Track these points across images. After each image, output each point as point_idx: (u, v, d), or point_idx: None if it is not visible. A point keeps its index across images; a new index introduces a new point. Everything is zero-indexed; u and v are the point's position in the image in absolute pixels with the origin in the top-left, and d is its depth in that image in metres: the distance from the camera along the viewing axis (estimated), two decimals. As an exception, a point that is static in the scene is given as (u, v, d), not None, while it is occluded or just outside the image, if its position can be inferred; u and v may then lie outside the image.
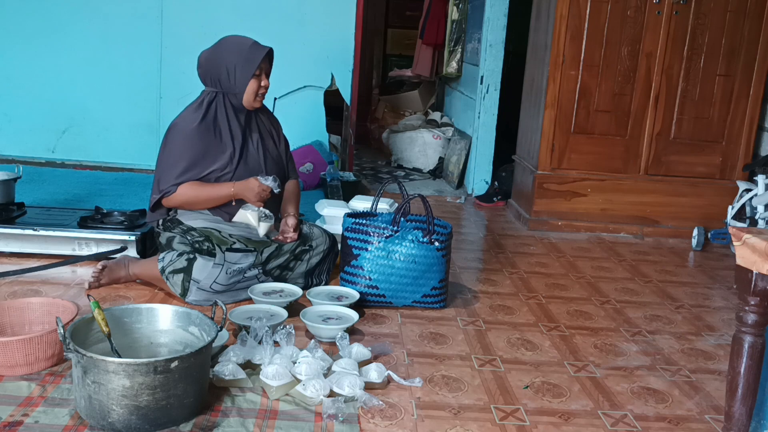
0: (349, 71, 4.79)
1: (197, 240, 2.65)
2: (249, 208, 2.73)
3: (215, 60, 2.72)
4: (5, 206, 3.15)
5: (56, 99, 4.70)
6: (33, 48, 4.63)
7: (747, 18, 4.09)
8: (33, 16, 4.60)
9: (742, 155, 4.26)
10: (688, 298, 3.20)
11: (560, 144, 4.18)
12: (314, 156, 4.65)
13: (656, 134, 4.21)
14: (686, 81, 4.16)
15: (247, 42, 2.76)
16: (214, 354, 2.14)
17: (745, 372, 1.67)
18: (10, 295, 2.63)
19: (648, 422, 2.05)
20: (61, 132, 4.76)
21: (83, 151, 4.75)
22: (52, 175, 4.44)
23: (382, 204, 3.22)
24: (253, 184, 2.69)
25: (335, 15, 4.72)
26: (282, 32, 4.66)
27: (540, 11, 4.38)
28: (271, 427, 1.85)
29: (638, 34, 4.08)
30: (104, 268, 2.76)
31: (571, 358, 2.45)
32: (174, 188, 2.67)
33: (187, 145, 2.68)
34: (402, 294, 2.74)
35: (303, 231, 2.88)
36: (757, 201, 3.66)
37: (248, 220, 2.73)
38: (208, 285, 2.59)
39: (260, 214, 2.73)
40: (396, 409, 2.00)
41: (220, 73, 2.70)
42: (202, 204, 2.73)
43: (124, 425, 1.76)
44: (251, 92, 2.72)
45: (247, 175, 2.74)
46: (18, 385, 1.97)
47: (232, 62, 2.69)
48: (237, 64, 2.69)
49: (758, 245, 1.58)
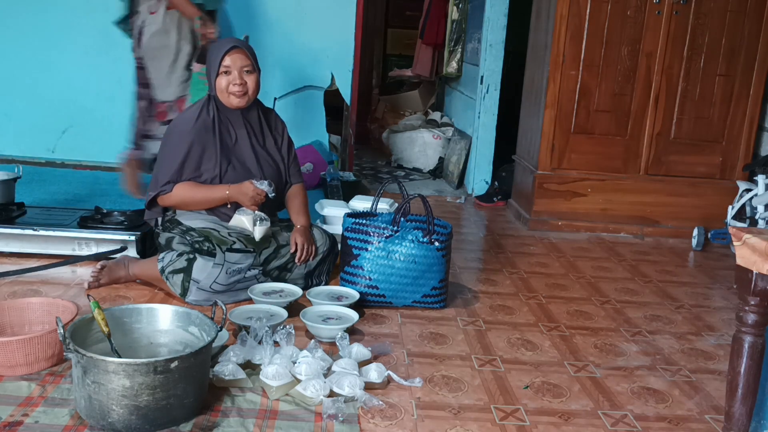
0: (349, 71, 4.79)
1: (197, 240, 2.65)
2: (244, 212, 2.74)
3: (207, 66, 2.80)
4: (5, 206, 3.15)
5: (56, 99, 4.70)
6: (33, 48, 4.63)
7: (747, 18, 4.09)
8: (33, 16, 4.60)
9: (742, 155, 4.26)
10: (688, 298, 3.20)
11: (560, 144, 4.18)
12: (314, 156, 4.65)
13: (656, 134, 4.21)
14: (686, 81, 4.15)
15: (221, 41, 2.81)
16: (214, 354, 2.14)
17: (745, 372, 1.67)
18: (10, 295, 2.63)
19: (648, 422, 2.05)
20: (61, 132, 4.76)
21: (83, 151, 4.75)
22: (52, 175, 4.45)
23: (382, 204, 3.22)
24: (247, 188, 2.70)
25: (335, 15, 4.72)
26: (282, 32, 4.66)
27: (540, 11, 4.38)
28: (271, 427, 1.85)
29: (638, 33, 4.08)
30: (103, 268, 2.76)
31: (571, 358, 2.45)
32: (170, 187, 2.69)
33: (184, 143, 2.69)
34: (402, 294, 2.74)
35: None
36: (757, 201, 3.66)
37: (244, 225, 2.73)
38: (208, 285, 2.59)
39: (255, 218, 2.73)
40: (396, 409, 2.00)
41: (208, 75, 2.78)
42: (197, 205, 2.74)
43: (124, 425, 1.76)
44: (221, 89, 2.72)
45: (235, 177, 2.74)
46: (18, 385, 1.97)
47: (208, 64, 2.76)
48: (210, 67, 2.74)
49: (758, 245, 1.58)
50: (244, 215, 2.73)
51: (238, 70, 2.70)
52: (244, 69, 2.71)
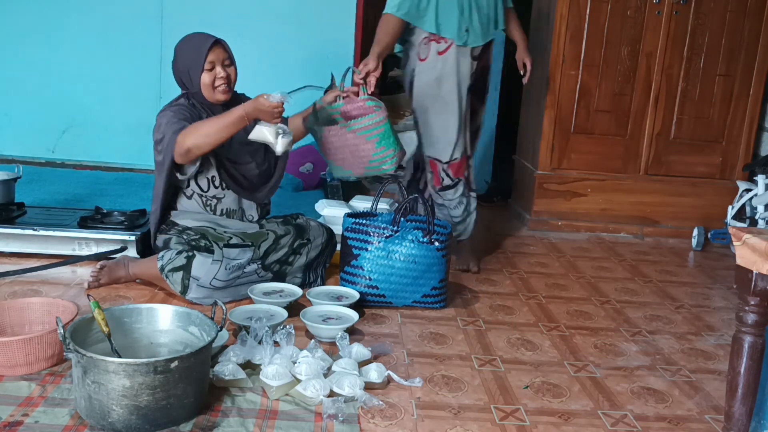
0: (349, 71, 4.78)
1: (193, 239, 2.65)
2: (265, 124, 2.59)
3: (176, 64, 2.74)
4: (5, 206, 3.15)
5: (56, 99, 4.69)
6: (33, 48, 4.63)
7: (747, 18, 4.09)
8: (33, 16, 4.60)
9: (742, 155, 4.26)
10: (688, 298, 3.20)
11: (560, 144, 4.18)
12: (314, 156, 4.65)
13: (656, 134, 4.21)
14: (686, 81, 4.16)
15: (195, 38, 2.72)
16: (214, 354, 2.14)
17: (745, 372, 1.67)
18: (10, 295, 2.63)
19: (648, 422, 2.05)
20: (61, 132, 4.75)
21: (83, 151, 4.75)
22: (52, 175, 4.44)
23: (382, 204, 3.22)
24: (262, 103, 2.51)
25: (335, 15, 4.71)
26: (281, 32, 4.66)
27: (540, 11, 4.38)
28: (271, 427, 1.85)
29: (638, 34, 4.08)
30: (103, 268, 2.76)
31: (571, 358, 2.45)
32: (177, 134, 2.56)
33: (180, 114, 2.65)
34: (402, 294, 2.74)
35: (300, 224, 2.89)
36: (757, 201, 3.66)
37: (265, 136, 2.59)
38: (208, 282, 2.59)
39: (278, 130, 2.59)
40: (396, 409, 2.00)
41: (182, 75, 2.72)
42: (218, 134, 2.55)
43: (124, 425, 1.76)
44: (207, 85, 2.69)
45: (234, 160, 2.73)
46: (18, 385, 1.97)
47: (185, 63, 2.70)
48: (189, 64, 2.69)
49: (758, 245, 1.58)
50: (265, 126, 2.57)
51: (221, 64, 2.69)
52: (225, 62, 2.71)
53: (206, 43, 2.67)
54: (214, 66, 2.68)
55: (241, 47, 4.72)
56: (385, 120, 2.77)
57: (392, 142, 2.79)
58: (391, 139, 2.78)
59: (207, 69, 2.67)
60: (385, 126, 2.76)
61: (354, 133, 2.77)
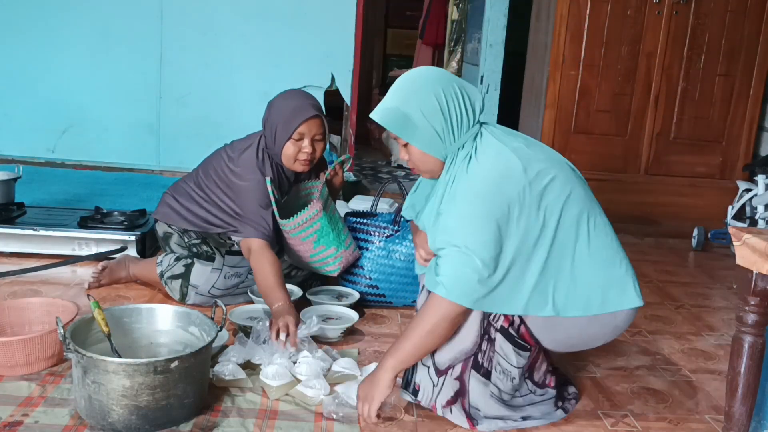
0: (349, 71, 4.78)
1: (194, 243, 2.64)
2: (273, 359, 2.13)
3: (269, 115, 2.55)
4: (5, 206, 3.15)
5: (56, 99, 4.69)
6: (33, 48, 4.63)
7: (747, 18, 4.09)
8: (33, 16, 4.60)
9: (742, 155, 4.26)
10: (688, 298, 3.20)
11: (560, 144, 4.18)
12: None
13: (656, 134, 4.22)
14: (686, 81, 4.16)
15: (294, 102, 2.50)
16: (214, 354, 2.14)
17: (745, 372, 1.67)
18: (10, 295, 2.63)
19: (648, 422, 2.05)
20: (61, 132, 4.75)
21: (83, 151, 4.74)
22: (52, 175, 4.44)
23: (382, 204, 3.22)
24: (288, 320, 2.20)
25: (335, 15, 4.71)
26: (282, 32, 4.66)
27: (540, 11, 4.38)
28: (271, 427, 1.85)
29: (638, 34, 4.08)
30: (104, 268, 2.76)
31: (571, 357, 2.45)
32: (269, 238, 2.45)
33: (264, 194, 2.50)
34: (402, 294, 2.74)
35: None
36: (757, 201, 3.66)
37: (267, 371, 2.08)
38: (207, 290, 2.59)
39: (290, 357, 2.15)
40: (396, 409, 2.00)
41: (268, 130, 2.53)
42: (257, 280, 2.41)
43: (124, 425, 1.76)
44: (288, 156, 2.49)
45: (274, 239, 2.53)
46: (18, 385, 1.97)
47: (275, 121, 2.49)
48: (278, 125, 2.48)
49: (758, 245, 1.58)
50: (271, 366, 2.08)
51: (310, 138, 2.49)
52: (315, 137, 2.50)
53: (303, 114, 2.46)
54: (303, 138, 2.47)
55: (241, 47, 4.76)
56: (319, 214, 2.55)
57: (332, 240, 2.59)
58: (330, 237, 2.59)
59: (294, 139, 2.47)
60: (321, 221, 2.56)
61: (288, 233, 2.58)
